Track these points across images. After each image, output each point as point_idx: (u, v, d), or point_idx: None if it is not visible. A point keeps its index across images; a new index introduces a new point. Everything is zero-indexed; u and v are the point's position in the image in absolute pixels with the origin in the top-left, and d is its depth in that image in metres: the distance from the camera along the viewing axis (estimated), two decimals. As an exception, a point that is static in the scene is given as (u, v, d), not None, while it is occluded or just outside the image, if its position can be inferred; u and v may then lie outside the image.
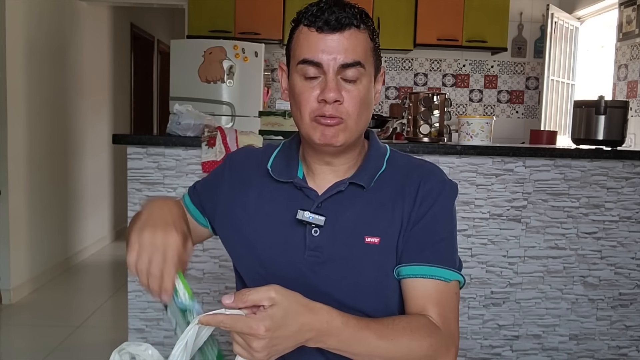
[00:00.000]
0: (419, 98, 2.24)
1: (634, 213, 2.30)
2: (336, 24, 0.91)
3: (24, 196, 3.57)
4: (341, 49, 0.92)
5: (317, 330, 0.78)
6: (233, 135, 2.10)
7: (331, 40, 0.92)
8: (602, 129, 2.31)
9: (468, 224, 2.25)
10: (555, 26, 4.09)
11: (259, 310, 0.74)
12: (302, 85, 0.94)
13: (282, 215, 0.99)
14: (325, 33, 0.92)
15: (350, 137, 0.96)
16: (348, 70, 0.92)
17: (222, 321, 0.74)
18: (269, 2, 4.04)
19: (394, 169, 1.02)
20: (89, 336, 2.95)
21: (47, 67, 3.87)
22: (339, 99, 0.92)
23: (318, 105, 0.93)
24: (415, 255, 0.95)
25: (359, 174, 1.00)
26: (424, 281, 0.94)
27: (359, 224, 0.97)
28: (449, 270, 0.95)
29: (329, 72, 0.92)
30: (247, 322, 0.73)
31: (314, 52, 0.92)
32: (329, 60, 0.92)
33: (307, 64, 0.93)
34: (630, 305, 2.34)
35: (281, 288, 0.77)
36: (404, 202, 0.98)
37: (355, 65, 0.92)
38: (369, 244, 0.96)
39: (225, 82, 3.58)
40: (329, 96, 0.91)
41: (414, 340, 0.86)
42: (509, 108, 4.68)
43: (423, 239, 0.96)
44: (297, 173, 1.02)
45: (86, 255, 4.54)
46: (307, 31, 0.93)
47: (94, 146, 4.72)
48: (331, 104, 0.92)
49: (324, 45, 0.92)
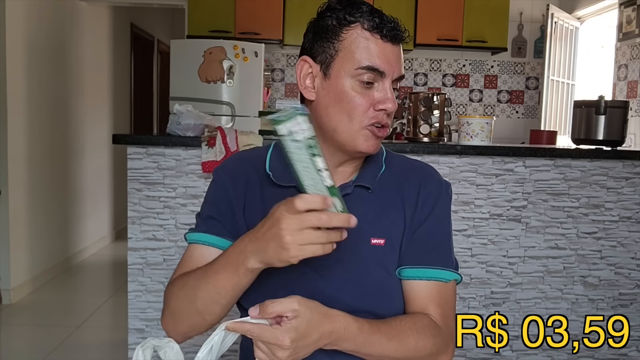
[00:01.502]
0: (419, 98, 2.24)
1: (634, 213, 2.30)
2: (399, 36, 0.93)
3: (24, 196, 3.57)
4: (399, 62, 0.94)
5: (335, 336, 0.82)
6: (233, 135, 2.10)
7: (395, 51, 0.93)
8: (602, 129, 2.31)
9: (468, 224, 2.25)
10: (555, 26, 4.08)
11: (282, 320, 0.77)
12: (360, 92, 0.92)
13: None
14: (391, 43, 0.92)
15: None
16: (396, 83, 0.95)
17: (249, 330, 0.77)
18: (269, 2, 4.04)
19: (392, 170, 1.03)
20: (89, 336, 2.95)
21: (47, 67, 3.87)
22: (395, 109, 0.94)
23: (375, 114, 0.93)
24: (418, 258, 0.97)
25: (363, 175, 1.00)
26: (426, 283, 0.97)
27: (365, 225, 0.96)
28: (448, 271, 0.98)
29: (387, 81, 0.92)
30: (274, 333, 0.76)
31: (380, 60, 0.91)
32: (391, 72, 0.92)
33: (371, 71, 0.91)
34: (630, 305, 2.34)
35: (302, 299, 0.79)
36: (406, 204, 0.99)
37: (402, 78, 0.96)
38: (375, 246, 0.97)
39: (225, 82, 3.57)
40: (391, 107, 0.92)
41: (420, 341, 0.90)
42: (509, 108, 4.68)
43: (425, 241, 0.98)
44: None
45: (86, 255, 4.54)
46: (370, 36, 0.91)
47: (94, 146, 4.72)
48: (389, 113, 0.94)
49: (388, 56, 0.92)
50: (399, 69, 0.93)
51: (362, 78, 0.91)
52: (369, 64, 0.90)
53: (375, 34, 0.91)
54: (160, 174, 2.16)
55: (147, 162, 2.15)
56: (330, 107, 0.94)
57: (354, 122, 0.92)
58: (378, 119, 0.92)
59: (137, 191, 2.16)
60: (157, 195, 2.16)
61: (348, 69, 0.91)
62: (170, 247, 2.19)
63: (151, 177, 2.16)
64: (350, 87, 0.92)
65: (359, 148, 0.94)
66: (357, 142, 0.93)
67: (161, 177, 2.16)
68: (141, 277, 2.19)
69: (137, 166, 2.15)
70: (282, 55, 4.50)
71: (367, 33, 0.91)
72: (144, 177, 2.15)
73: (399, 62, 0.93)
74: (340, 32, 0.92)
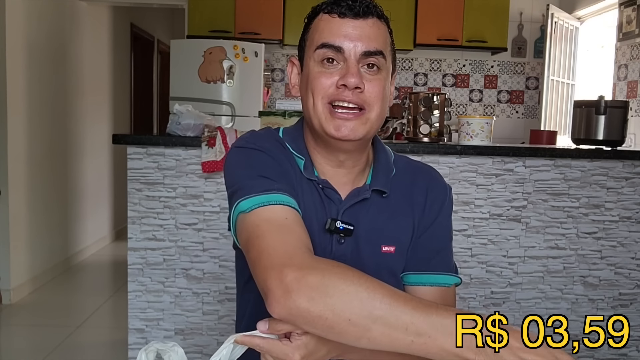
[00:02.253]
0: (419, 98, 2.24)
1: (634, 213, 2.30)
2: (359, 10, 0.88)
3: (24, 196, 3.57)
4: (364, 36, 0.87)
5: (342, 349, 0.81)
6: (233, 135, 2.10)
7: (354, 26, 0.88)
8: (602, 129, 2.31)
9: (468, 224, 2.25)
10: (555, 26, 4.08)
11: (292, 336, 0.76)
12: (319, 71, 0.89)
13: (312, 218, 0.92)
14: (349, 18, 0.88)
15: (370, 132, 0.90)
16: (370, 59, 0.88)
17: (258, 344, 0.76)
18: (269, 2, 4.04)
19: (400, 173, 1.01)
20: (89, 336, 2.95)
21: (47, 67, 3.87)
22: (360, 86, 0.86)
23: (336, 91, 0.87)
24: (422, 265, 0.97)
25: (377, 179, 0.97)
26: (430, 289, 0.97)
27: (376, 232, 0.96)
28: (450, 275, 0.98)
29: (351, 58, 0.87)
30: (283, 350, 0.76)
31: (335, 36, 0.88)
32: (351, 46, 0.87)
33: (326, 48, 0.88)
34: (630, 305, 2.34)
35: None
36: (414, 210, 0.98)
37: (378, 54, 0.88)
38: (386, 253, 0.96)
39: (225, 82, 3.57)
40: (351, 81, 0.85)
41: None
42: (509, 108, 4.68)
43: (429, 247, 0.98)
44: (313, 170, 0.95)
45: (86, 255, 4.54)
46: (328, 17, 0.89)
47: (94, 146, 4.72)
48: (352, 89, 0.86)
49: (346, 30, 0.87)
50: (364, 43, 0.87)
51: (321, 57, 0.89)
52: (324, 41, 0.88)
53: (334, 14, 0.89)
54: (160, 174, 2.16)
55: (147, 162, 2.15)
56: (304, 96, 0.93)
57: (317, 102, 0.89)
58: (337, 96, 0.87)
59: (137, 191, 2.16)
60: (157, 195, 2.16)
61: (310, 54, 0.91)
62: (170, 247, 2.19)
63: (151, 177, 2.16)
64: (313, 69, 0.90)
65: (328, 132, 0.89)
66: (323, 126, 0.89)
67: (161, 177, 2.16)
68: (141, 277, 2.19)
69: (137, 166, 2.15)
70: (282, 55, 4.50)
71: (327, 16, 0.90)
72: (144, 177, 2.15)
73: (364, 36, 0.87)
74: (309, 26, 0.93)
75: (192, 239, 2.18)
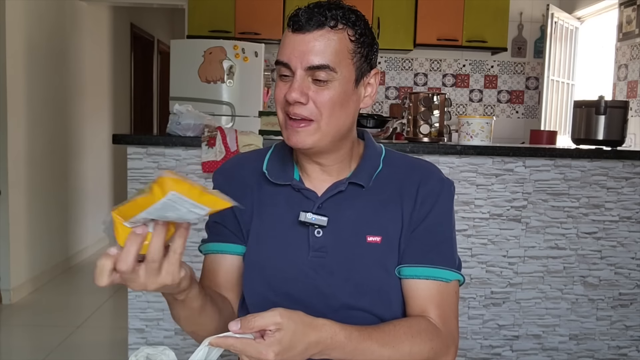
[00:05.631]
0: (419, 98, 2.24)
1: (634, 213, 2.30)
2: (305, 24, 0.90)
3: (24, 196, 3.57)
4: (307, 51, 0.89)
5: (322, 345, 0.81)
6: (233, 135, 2.10)
7: (301, 41, 0.90)
8: (602, 129, 2.31)
9: (468, 224, 2.25)
10: (555, 26, 4.09)
11: (266, 334, 0.76)
12: (277, 85, 0.95)
13: (284, 217, 0.99)
14: (296, 33, 0.91)
15: (322, 140, 0.93)
16: (317, 72, 0.90)
17: (232, 345, 0.76)
18: (269, 2, 4.04)
19: (392, 169, 1.02)
20: (89, 336, 2.95)
21: (47, 68, 3.87)
22: (300, 100, 0.90)
23: (287, 104, 0.92)
24: (418, 257, 0.96)
25: (357, 173, 1.00)
26: (426, 282, 0.96)
27: (360, 223, 0.97)
28: (450, 271, 0.97)
29: (297, 72, 0.90)
30: (257, 348, 0.75)
31: (284, 52, 0.91)
32: (297, 63, 0.90)
33: (279, 65, 0.93)
34: (630, 305, 2.34)
35: (285, 310, 0.78)
36: (404, 202, 0.98)
37: (323, 68, 0.89)
38: (371, 243, 0.96)
39: (225, 82, 3.58)
40: (291, 97, 0.90)
41: (415, 345, 0.88)
42: (509, 108, 4.68)
43: (426, 240, 0.97)
44: (293, 175, 1.01)
45: (86, 255, 4.54)
46: (287, 33, 0.93)
47: (94, 146, 4.73)
48: (292, 104, 0.91)
49: (292, 46, 0.90)
50: (308, 58, 0.89)
51: (279, 72, 0.93)
52: (278, 58, 0.93)
53: (289, 29, 0.92)
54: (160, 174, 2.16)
55: (147, 162, 2.15)
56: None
57: (278, 113, 0.95)
58: (287, 109, 0.92)
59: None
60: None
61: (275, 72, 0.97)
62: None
63: (151, 177, 2.15)
64: (277, 81, 0.95)
65: (285, 139, 0.95)
66: (283, 133, 0.95)
67: (161, 177, 2.16)
68: (141, 277, 2.19)
69: (137, 166, 2.15)
70: (282, 55, 4.50)
71: (287, 31, 0.93)
72: (144, 177, 2.15)
73: (307, 51, 0.89)
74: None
75: (190, 239, 2.18)
